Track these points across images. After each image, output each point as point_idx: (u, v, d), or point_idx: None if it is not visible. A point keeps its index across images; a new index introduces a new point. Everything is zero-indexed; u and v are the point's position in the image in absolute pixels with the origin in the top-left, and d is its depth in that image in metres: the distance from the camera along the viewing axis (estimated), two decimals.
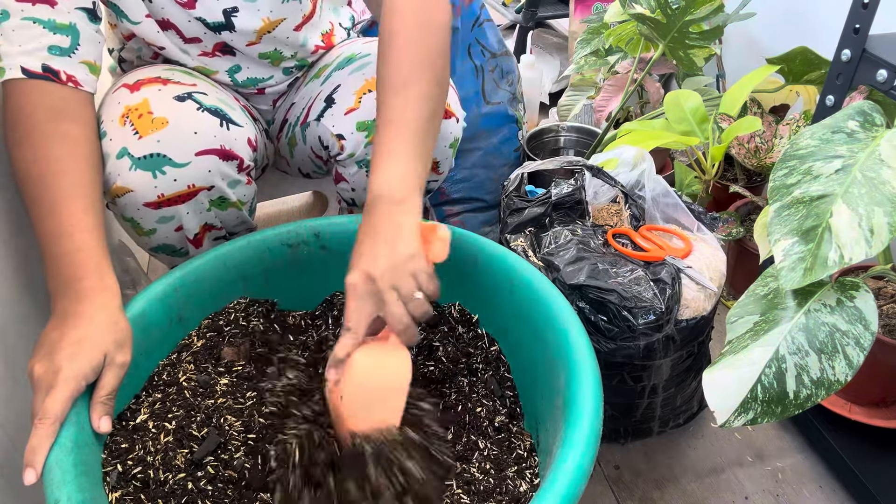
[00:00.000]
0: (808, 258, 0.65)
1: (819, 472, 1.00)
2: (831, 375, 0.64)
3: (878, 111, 0.72)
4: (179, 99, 0.79)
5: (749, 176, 1.37)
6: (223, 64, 0.93)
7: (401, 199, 0.69)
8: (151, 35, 0.87)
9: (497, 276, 0.81)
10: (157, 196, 0.78)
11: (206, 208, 0.83)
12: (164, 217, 0.81)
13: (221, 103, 0.83)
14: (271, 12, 0.89)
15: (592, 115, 1.63)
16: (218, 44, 0.90)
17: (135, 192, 0.77)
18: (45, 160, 0.69)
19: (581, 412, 0.61)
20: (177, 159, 0.77)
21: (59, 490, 0.56)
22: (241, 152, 0.83)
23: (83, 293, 0.65)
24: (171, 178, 0.77)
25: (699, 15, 1.25)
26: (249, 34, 0.89)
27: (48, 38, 0.71)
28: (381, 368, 0.66)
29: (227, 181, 0.83)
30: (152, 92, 0.79)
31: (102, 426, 0.62)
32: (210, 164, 0.79)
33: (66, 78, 0.72)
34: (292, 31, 0.93)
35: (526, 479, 0.69)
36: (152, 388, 0.73)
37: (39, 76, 0.71)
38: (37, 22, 0.71)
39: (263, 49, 0.93)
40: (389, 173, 0.70)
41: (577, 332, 0.69)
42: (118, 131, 0.76)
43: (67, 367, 0.60)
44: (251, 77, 0.96)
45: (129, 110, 0.77)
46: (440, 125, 0.79)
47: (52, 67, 0.71)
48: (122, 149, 0.76)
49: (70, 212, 0.68)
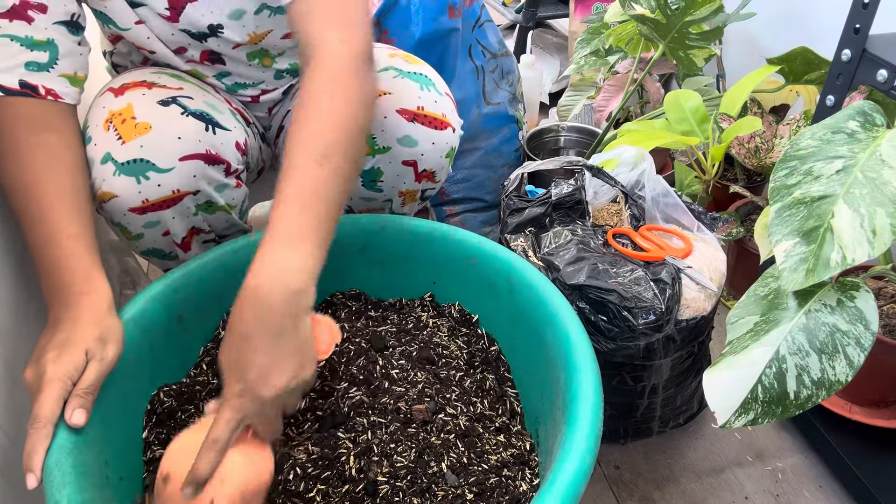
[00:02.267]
0: (809, 259, 0.65)
1: (819, 472, 1.00)
2: (832, 376, 0.64)
3: (879, 111, 0.72)
4: (163, 103, 0.78)
5: (749, 176, 1.37)
6: (211, 70, 0.93)
7: (302, 290, 0.61)
8: (141, 40, 0.86)
9: (497, 276, 0.81)
10: (141, 201, 0.77)
11: (193, 213, 0.82)
12: (150, 222, 0.80)
13: (208, 107, 0.82)
14: (257, 27, 0.88)
15: (592, 115, 1.63)
16: (205, 52, 0.90)
17: (120, 198, 0.77)
18: (29, 171, 0.69)
19: (581, 412, 0.61)
20: (161, 164, 0.76)
21: (60, 492, 0.56)
22: (227, 156, 0.82)
23: (72, 299, 0.66)
24: (156, 184, 0.77)
25: (699, 16, 1.25)
26: (235, 41, 0.89)
27: (25, 55, 0.71)
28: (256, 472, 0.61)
29: (213, 185, 0.82)
30: (136, 96, 0.78)
31: (74, 418, 0.60)
32: (195, 168, 0.78)
33: (45, 92, 0.72)
34: (280, 40, 0.93)
35: (526, 480, 0.69)
36: None
37: (17, 93, 0.70)
38: (14, 39, 0.70)
39: (250, 49, 0.92)
40: (294, 259, 0.62)
41: (577, 332, 0.69)
42: (102, 136, 0.76)
43: (51, 370, 0.60)
44: (240, 82, 0.96)
45: (113, 115, 0.77)
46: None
47: (29, 83, 0.71)
48: (106, 154, 0.75)
49: (56, 219, 0.68)
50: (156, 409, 0.74)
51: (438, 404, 0.74)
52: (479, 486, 0.65)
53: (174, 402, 0.75)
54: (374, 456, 0.67)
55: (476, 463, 0.68)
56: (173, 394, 0.75)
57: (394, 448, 0.68)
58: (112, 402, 0.66)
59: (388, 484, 0.65)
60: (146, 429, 0.72)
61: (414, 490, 0.65)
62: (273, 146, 1.06)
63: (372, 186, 0.94)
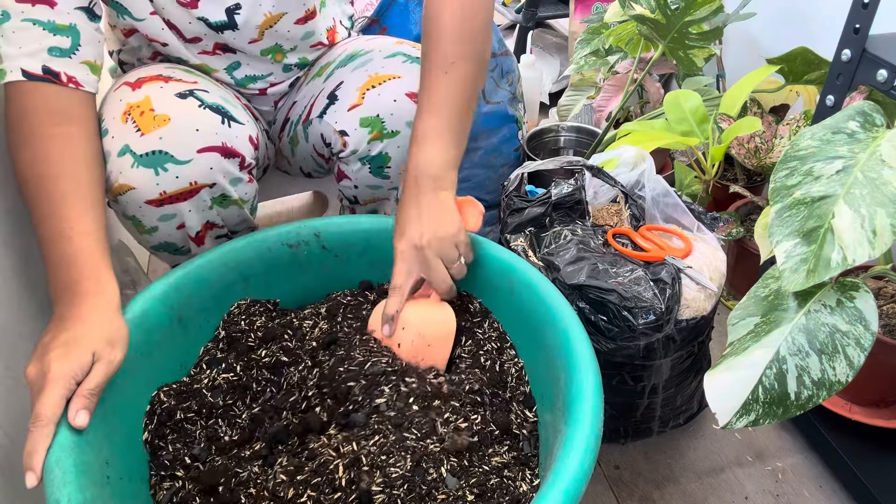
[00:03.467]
0: (810, 260, 0.65)
1: (819, 472, 1.00)
2: (832, 376, 0.64)
3: (879, 111, 0.72)
4: (181, 96, 0.79)
5: (749, 176, 1.37)
6: (223, 62, 0.93)
7: (441, 176, 0.77)
8: (155, 31, 0.86)
9: (497, 276, 0.81)
10: (158, 193, 0.78)
11: (209, 206, 0.83)
12: (166, 215, 0.81)
13: (223, 101, 0.83)
14: (273, 6, 0.89)
15: (592, 115, 1.63)
16: (218, 43, 0.90)
17: (136, 190, 0.77)
18: (45, 162, 0.69)
19: (581, 413, 0.61)
20: (179, 156, 0.77)
21: (60, 491, 0.56)
22: (242, 149, 0.83)
23: (79, 296, 0.65)
24: (174, 176, 0.77)
25: (699, 16, 1.25)
26: (251, 31, 0.89)
27: (48, 40, 0.71)
28: (432, 320, 0.78)
29: (228, 178, 0.82)
30: (154, 89, 0.79)
31: (78, 419, 0.60)
32: (212, 161, 0.79)
33: (67, 79, 0.72)
34: (293, 25, 0.93)
35: (526, 480, 0.69)
36: None
37: (40, 78, 0.71)
38: (37, 23, 0.71)
39: (265, 45, 0.93)
40: (431, 153, 0.77)
41: (577, 332, 0.69)
42: (120, 129, 0.76)
43: (55, 368, 0.60)
44: (250, 74, 0.96)
45: (131, 107, 0.77)
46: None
47: (52, 69, 0.71)
48: (124, 146, 0.75)
49: (68, 214, 0.68)
50: (156, 410, 0.73)
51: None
52: (479, 488, 0.65)
53: (174, 401, 0.74)
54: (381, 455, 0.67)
55: (477, 465, 0.68)
56: (173, 394, 0.75)
57: (394, 449, 0.68)
58: (113, 402, 0.66)
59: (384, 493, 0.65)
60: (146, 429, 0.72)
61: (412, 497, 0.64)
62: (277, 141, 1.07)
63: (379, 173, 0.94)
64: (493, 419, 0.72)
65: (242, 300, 0.85)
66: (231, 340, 0.82)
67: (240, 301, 0.85)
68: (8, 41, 0.70)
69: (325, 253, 0.88)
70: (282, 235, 0.86)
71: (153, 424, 0.73)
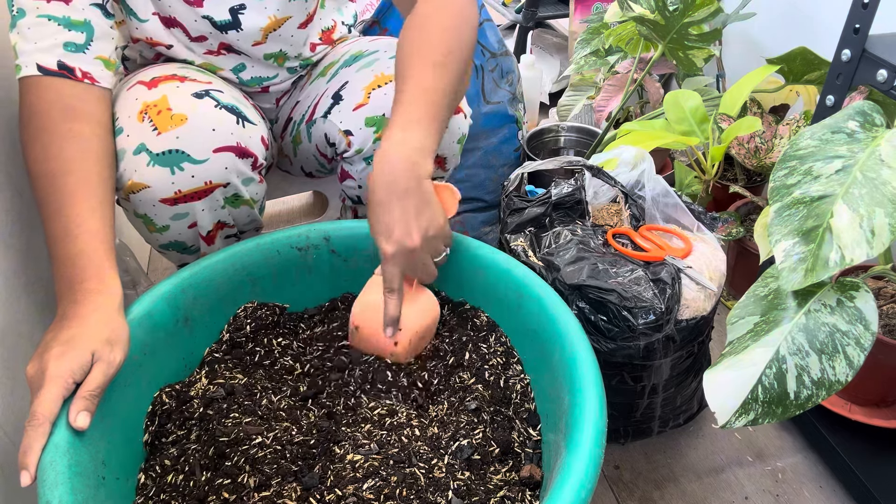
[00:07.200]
0: (808, 259, 0.65)
1: (819, 472, 1.00)
2: (832, 376, 0.64)
3: (878, 111, 0.72)
4: (198, 96, 0.79)
5: (749, 176, 1.37)
6: (228, 62, 0.93)
7: (419, 162, 0.73)
8: (158, 33, 0.87)
9: (506, 288, 0.80)
10: (174, 192, 0.78)
11: (221, 205, 0.83)
12: (179, 214, 0.81)
13: (236, 101, 0.83)
14: (278, 10, 0.89)
15: (592, 115, 1.63)
16: (223, 43, 0.90)
17: (151, 188, 0.77)
18: (56, 159, 0.69)
19: (583, 439, 0.60)
20: (195, 155, 0.77)
21: (52, 492, 0.56)
22: (255, 150, 0.83)
23: (82, 296, 0.65)
24: (189, 175, 0.77)
25: (698, 17, 1.25)
26: (255, 33, 0.89)
27: (63, 35, 0.72)
28: (422, 312, 0.79)
29: (241, 178, 0.83)
30: (171, 88, 0.79)
31: (79, 421, 0.60)
32: (227, 160, 0.79)
33: (82, 75, 0.72)
34: (297, 30, 0.93)
35: (526, 500, 0.68)
36: None
37: (55, 73, 0.71)
38: (52, 19, 0.71)
39: (269, 49, 0.93)
40: (410, 135, 0.73)
41: (584, 353, 0.67)
42: (136, 127, 0.76)
43: (53, 367, 0.60)
44: (256, 76, 0.96)
45: (148, 106, 0.77)
46: (452, 115, 0.82)
47: (67, 64, 0.71)
48: (140, 144, 0.76)
49: (76, 213, 0.68)
50: (156, 410, 0.73)
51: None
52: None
53: (175, 402, 0.74)
54: (384, 465, 0.67)
55: (477, 484, 0.67)
56: (175, 394, 0.75)
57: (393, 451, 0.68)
58: (113, 402, 0.66)
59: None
60: (147, 430, 0.72)
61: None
62: (279, 140, 1.07)
63: None
64: (494, 437, 0.71)
65: (249, 303, 0.85)
66: (235, 344, 0.81)
67: (247, 304, 0.84)
68: (24, 38, 0.71)
69: (334, 257, 0.88)
70: (291, 238, 0.86)
71: (154, 426, 0.72)
